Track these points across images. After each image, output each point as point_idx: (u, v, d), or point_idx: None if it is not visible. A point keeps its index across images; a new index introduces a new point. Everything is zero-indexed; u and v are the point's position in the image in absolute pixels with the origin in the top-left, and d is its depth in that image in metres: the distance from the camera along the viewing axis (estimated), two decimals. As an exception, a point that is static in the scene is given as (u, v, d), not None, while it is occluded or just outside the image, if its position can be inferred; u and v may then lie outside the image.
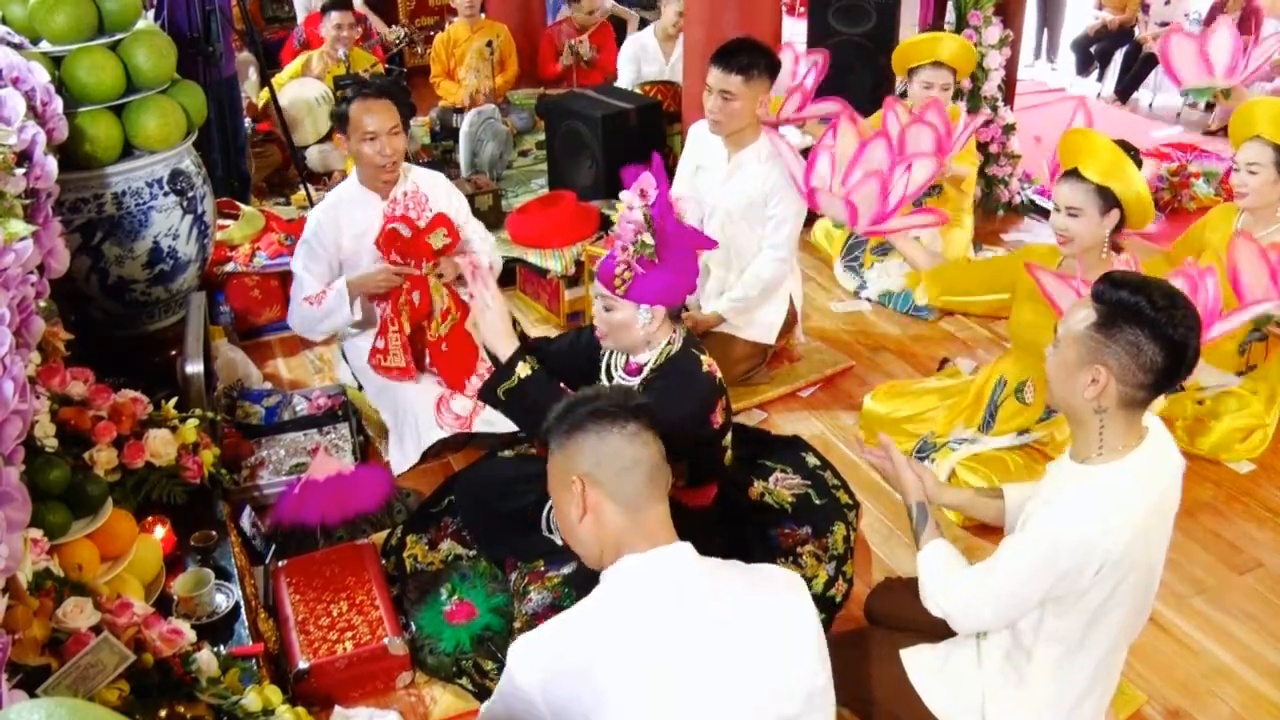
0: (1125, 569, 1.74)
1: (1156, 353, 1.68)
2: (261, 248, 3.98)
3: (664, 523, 1.54)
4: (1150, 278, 1.77)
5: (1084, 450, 1.80)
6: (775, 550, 2.73)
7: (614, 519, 1.52)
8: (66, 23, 2.78)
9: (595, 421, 1.53)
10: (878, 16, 4.77)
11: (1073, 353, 1.75)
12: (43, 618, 1.67)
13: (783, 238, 3.31)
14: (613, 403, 1.55)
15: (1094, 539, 1.71)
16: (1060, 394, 1.81)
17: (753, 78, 3.14)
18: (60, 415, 2.27)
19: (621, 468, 1.51)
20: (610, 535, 1.53)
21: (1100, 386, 1.72)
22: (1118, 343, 1.70)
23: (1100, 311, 1.73)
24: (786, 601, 1.52)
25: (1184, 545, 2.83)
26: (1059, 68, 8.42)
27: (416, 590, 2.59)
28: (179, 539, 2.42)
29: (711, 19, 4.50)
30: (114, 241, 2.95)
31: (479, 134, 5.55)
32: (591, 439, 1.52)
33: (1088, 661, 1.86)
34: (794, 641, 1.49)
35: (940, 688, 2.01)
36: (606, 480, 1.51)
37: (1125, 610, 1.82)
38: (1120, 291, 1.71)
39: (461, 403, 3.13)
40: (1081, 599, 1.78)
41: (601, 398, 1.57)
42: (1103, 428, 1.76)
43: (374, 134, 3.03)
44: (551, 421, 1.58)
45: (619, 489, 1.51)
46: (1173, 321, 1.67)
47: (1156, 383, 1.72)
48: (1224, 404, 3.21)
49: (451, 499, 2.93)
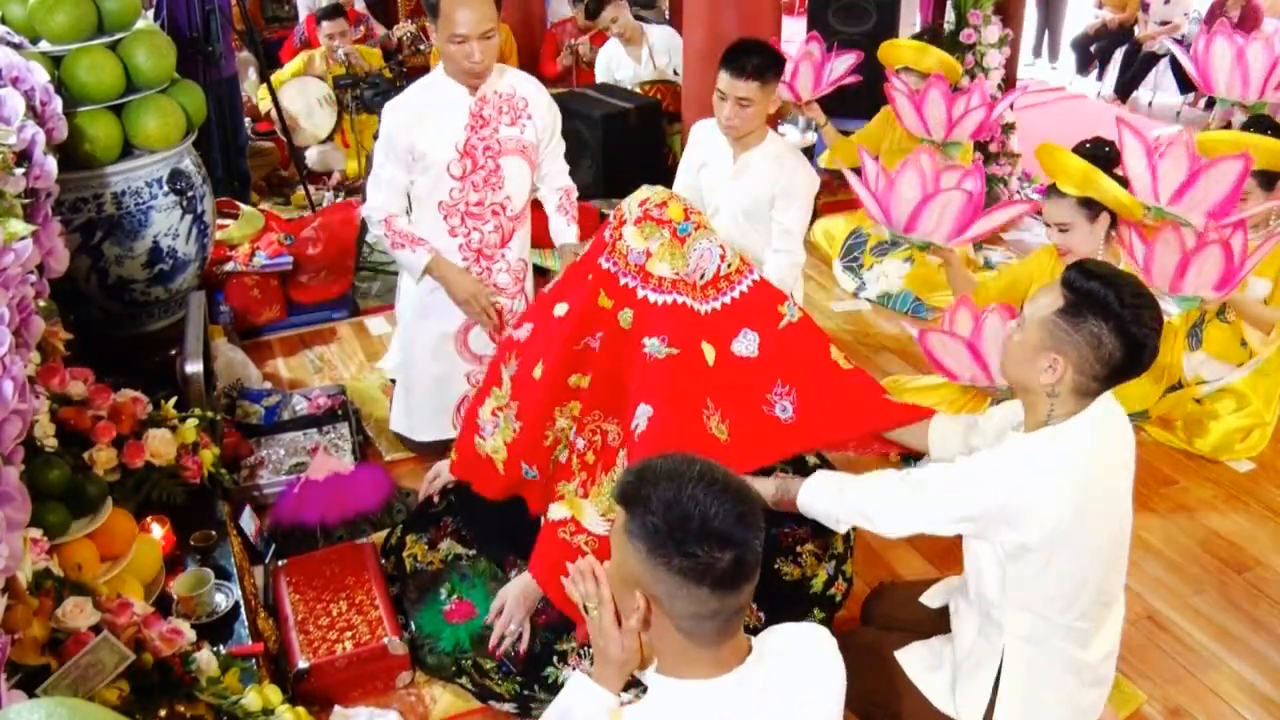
0: (1076, 533, 1.75)
1: (1116, 347, 1.70)
2: (261, 247, 3.98)
3: (732, 650, 1.36)
4: (1121, 272, 1.78)
5: (1032, 426, 1.83)
6: (775, 550, 2.73)
7: (673, 639, 1.34)
8: (66, 22, 2.79)
9: (683, 561, 1.25)
10: (878, 16, 4.78)
11: (1035, 336, 1.77)
12: (42, 618, 1.67)
13: (793, 240, 3.29)
14: (708, 531, 1.25)
15: (1026, 481, 1.74)
16: (1015, 372, 1.83)
17: (767, 80, 3.11)
18: (60, 415, 2.27)
19: (698, 615, 1.29)
20: (670, 654, 1.37)
21: (1057, 374, 1.74)
22: (1080, 333, 1.71)
23: (1068, 299, 1.74)
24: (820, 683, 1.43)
25: (1184, 545, 2.83)
26: (1059, 67, 8.42)
27: (416, 590, 2.59)
28: (179, 539, 2.42)
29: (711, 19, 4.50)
30: (114, 241, 2.95)
31: (479, 133, 5.53)
32: (676, 580, 1.27)
33: (1061, 636, 1.86)
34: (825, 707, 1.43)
35: (940, 682, 2.01)
36: (677, 615, 1.30)
37: (1094, 578, 1.82)
38: (1091, 282, 1.71)
39: None
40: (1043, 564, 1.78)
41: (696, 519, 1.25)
42: (1052, 409, 1.79)
43: (464, 37, 2.61)
44: (639, 510, 1.29)
45: (690, 629, 1.31)
46: (1138, 320, 1.68)
47: (1111, 375, 1.73)
48: (1223, 403, 3.21)
49: (451, 499, 2.93)
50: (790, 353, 2.31)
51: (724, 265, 2.27)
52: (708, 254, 2.26)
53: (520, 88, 2.88)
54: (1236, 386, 3.22)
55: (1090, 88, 7.89)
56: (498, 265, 2.96)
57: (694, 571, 1.25)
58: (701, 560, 1.25)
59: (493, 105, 2.83)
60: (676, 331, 2.22)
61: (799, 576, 2.66)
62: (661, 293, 2.24)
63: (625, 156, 4.93)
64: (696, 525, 1.25)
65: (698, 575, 1.25)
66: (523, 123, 2.87)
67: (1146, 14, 7.66)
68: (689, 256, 2.25)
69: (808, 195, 3.29)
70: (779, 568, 2.68)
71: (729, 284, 2.29)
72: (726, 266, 2.28)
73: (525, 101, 2.88)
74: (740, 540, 1.27)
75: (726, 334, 2.27)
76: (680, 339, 2.22)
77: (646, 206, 2.30)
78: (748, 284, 2.31)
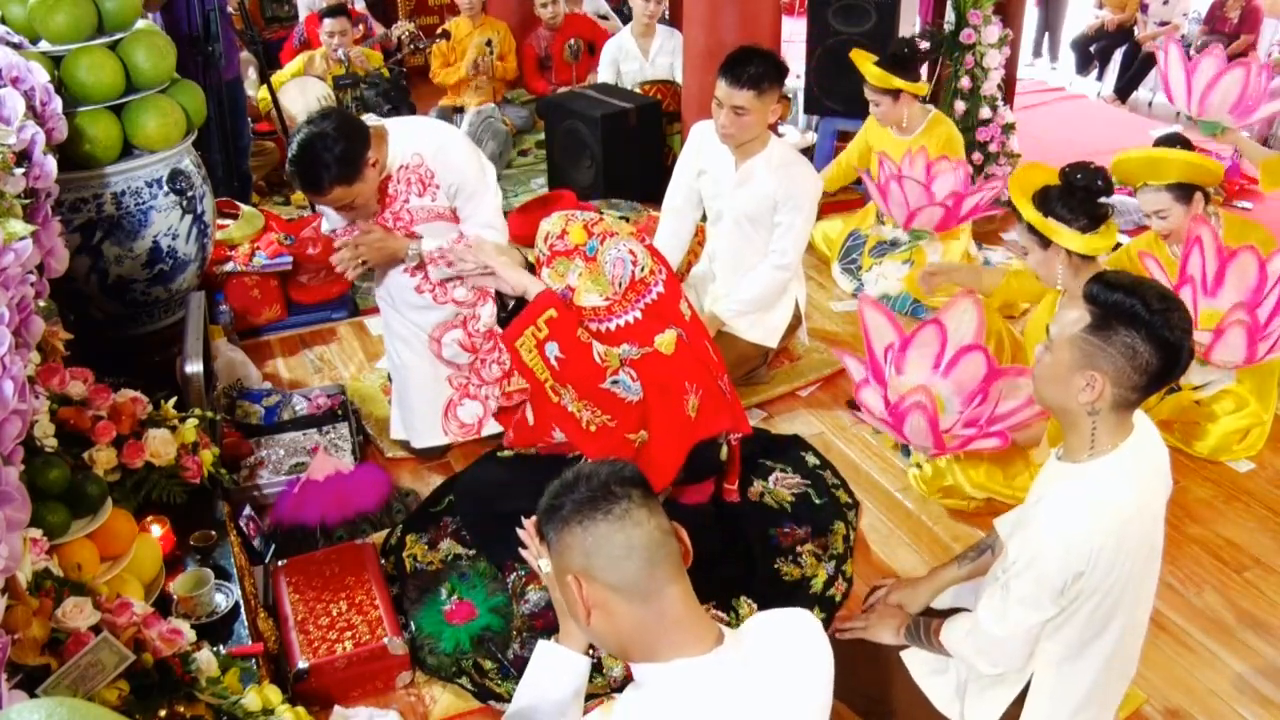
0: (1122, 559, 1.74)
1: (1152, 355, 1.67)
2: (261, 247, 3.98)
3: (687, 606, 1.36)
4: (1142, 279, 1.76)
5: (1076, 451, 1.79)
6: (775, 550, 2.74)
7: (627, 612, 1.34)
8: (66, 22, 2.78)
9: (577, 512, 1.35)
10: (878, 16, 4.77)
11: (1067, 355, 1.73)
12: (42, 618, 1.67)
13: (788, 244, 3.28)
14: (594, 486, 1.36)
15: (1085, 540, 1.70)
16: (1052, 396, 1.79)
17: (764, 89, 3.05)
18: (60, 415, 2.27)
19: (614, 557, 1.33)
20: (629, 629, 1.36)
21: (1096, 391, 1.70)
22: (1114, 346, 1.68)
23: (1094, 314, 1.71)
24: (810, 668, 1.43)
25: (1184, 545, 2.83)
26: (1059, 67, 8.42)
27: (416, 590, 2.59)
28: (179, 539, 2.41)
29: (711, 19, 4.51)
30: (114, 241, 2.95)
31: (479, 133, 5.56)
32: (577, 532, 1.34)
33: (1094, 657, 1.85)
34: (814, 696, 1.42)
35: (944, 686, 2.01)
36: (602, 573, 1.33)
37: (1127, 601, 1.81)
38: (1115, 294, 1.69)
39: (470, 410, 3.10)
40: (1080, 600, 1.78)
41: (582, 482, 1.37)
42: (1094, 429, 1.75)
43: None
44: (539, 517, 1.42)
45: (620, 580, 1.33)
46: (1168, 324, 1.66)
47: (1150, 384, 1.71)
48: (1221, 405, 3.21)
49: (451, 499, 2.93)
50: (696, 343, 2.39)
51: (637, 269, 2.29)
52: (620, 262, 2.29)
53: (427, 155, 2.82)
54: (1234, 388, 3.22)
55: (1090, 88, 7.89)
56: (455, 289, 3.00)
57: (587, 510, 1.34)
58: (581, 497, 1.35)
59: (399, 179, 2.83)
60: (637, 339, 2.31)
61: (799, 576, 2.66)
62: (607, 320, 2.30)
63: (625, 156, 4.93)
64: (580, 481, 1.38)
65: (591, 512, 1.34)
66: (431, 191, 2.86)
67: (1146, 14, 7.66)
68: (606, 272, 2.29)
69: (812, 201, 3.28)
70: (779, 568, 2.69)
71: (645, 288, 2.31)
72: (640, 270, 2.30)
73: (431, 173, 2.84)
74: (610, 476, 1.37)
75: (655, 331, 2.32)
76: (645, 342, 2.30)
77: (550, 242, 2.34)
78: (661, 285, 2.34)
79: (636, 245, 2.31)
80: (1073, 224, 2.59)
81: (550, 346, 2.22)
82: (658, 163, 5.03)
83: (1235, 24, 7.10)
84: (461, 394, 3.09)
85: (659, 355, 2.28)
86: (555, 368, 2.23)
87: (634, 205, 4.69)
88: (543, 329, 2.21)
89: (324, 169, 2.59)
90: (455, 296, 2.99)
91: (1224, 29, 7.14)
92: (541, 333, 2.22)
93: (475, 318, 3.03)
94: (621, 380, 2.27)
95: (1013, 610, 1.79)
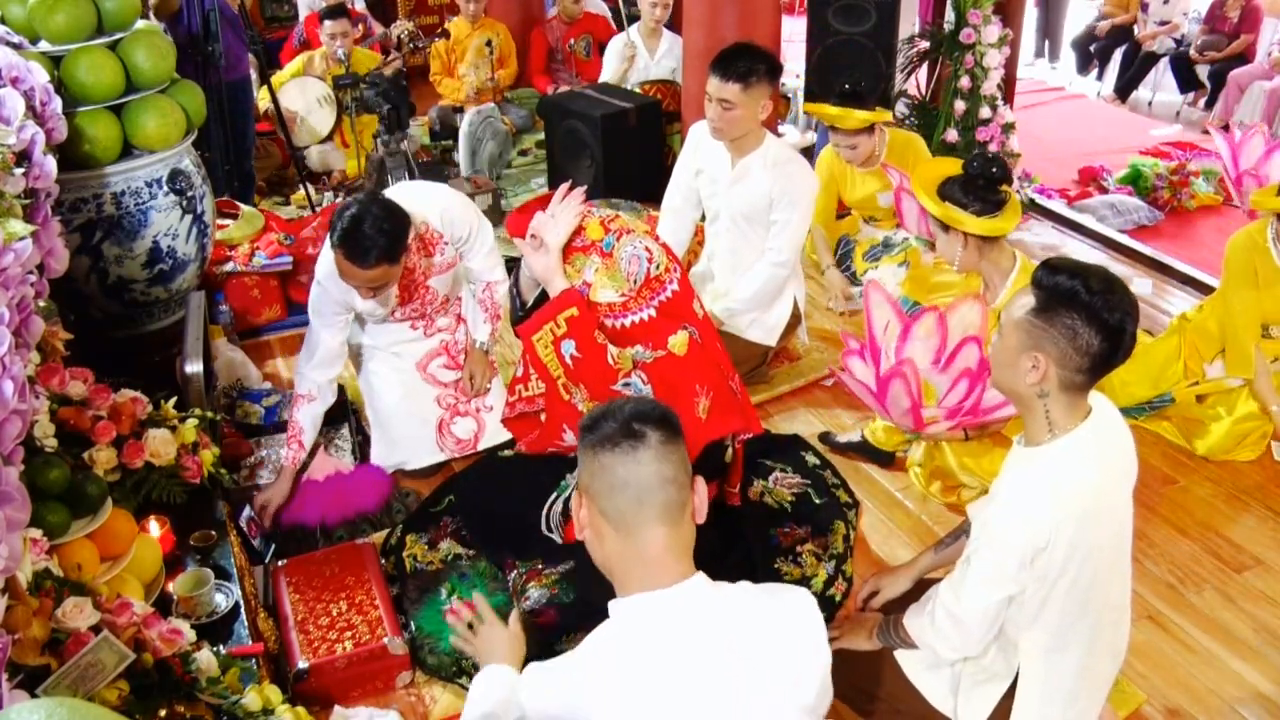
0: (1087, 538, 1.75)
1: (1093, 336, 1.70)
2: (261, 247, 3.98)
3: (668, 549, 1.42)
4: (1087, 263, 1.79)
5: (1035, 435, 1.82)
6: (775, 550, 2.74)
7: (611, 539, 1.44)
8: (66, 22, 2.78)
9: (596, 439, 1.43)
10: (878, 16, 4.76)
11: (1013, 339, 1.78)
12: (42, 618, 1.67)
13: (784, 242, 3.29)
14: (619, 419, 1.43)
15: (1044, 515, 1.73)
16: (1003, 379, 1.84)
17: (752, 85, 3.05)
18: (60, 415, 2.27)
19: (610, 486, 1.41)
20: (610, 556, 1.46)
21: (1040, 372, 1.74)
22: (1055, 328, 1.72)
23: (1039, 297, 1.75)
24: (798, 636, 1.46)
25: (1184, 544, 2.84)
26: (1059, 66, 8.42)
27: (416, 590, 2.59)
28: (179, 539, 2.42)
29: (710, 19, 4.51)
30: (113, 241, 2.95)
31: (478, 133, 5.55)
32: (589, 456, 1.43)
33: (1078, 644, 1.86)
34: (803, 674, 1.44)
35: (939, 682, 2.01)
36: (597, 498, 1.44)
37: (1100, 580, 1.82)
38: (1057, 276, 1.73)
39: (464, 426, 3.10)
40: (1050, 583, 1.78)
41: (615, 411, 1.45)
42: (1048, 411, 1.78)
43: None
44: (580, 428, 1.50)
45: (607, 508, 1.42)
46: (1108, 306, 1.69)
47: (1094, 367, 1.74)
48: (1226, 404, 3.20)
49: (451, 499, 2.93)
50: (709, 343, 2.39)
51: (652, 267, 2.29)
52: (635, 259, 2.28)
53: (434, 222, 2.84)
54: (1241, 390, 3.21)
55: (1090, 88, 7.89)
56: (440, 319, 3.08)
57: (604, 439, 1.42)
58: (607, 427, 1.43)
59: (413, 249, 2.81)
60: (650, 338, 2.29)
61: (799, 577, 2.66)
62: (622, 316, 2.28)
63: (625, 156, 4.93)
64: (614, 411, 1.46)
65: (604, 441, 1.42)
66: (440, 248, 2.90)
67: (1146, 14, 7.66)
68: (621, 268, 2.28)
69: (808, 198, 3.29)
70: (779, 568, 2.69)
71: (660, 285, 2.30)
72: (655, 268, 2.29)
73: (439, 235, 2.88)
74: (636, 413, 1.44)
75: (669, 331, 2.30)
76: (658, 343, 2.29)
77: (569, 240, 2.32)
78: (675, 283, 2.33)
79: (652, 243, 2.31)
80: (969, 208, 2.72)
81: (567, 344, 2.23)
82: (658, 163, 5.03)
83: (1235, 24, 7.10)
84: (452, 413, 3.10)
85: (672, 357, 2.28)
86: (570, 366, 2.23)
87: (634, 205, 4.69)
88: (561, 326, 2.22)
89: (373, 246, 2.55)
90: (439, 325, 3.09)
91: (1224, 29, 7.13)
92: (560, 329, 2.23)
93: (455, 343, 3.11)
94: (633, 383, 2.26)
95: (972, 587, 1.83)
